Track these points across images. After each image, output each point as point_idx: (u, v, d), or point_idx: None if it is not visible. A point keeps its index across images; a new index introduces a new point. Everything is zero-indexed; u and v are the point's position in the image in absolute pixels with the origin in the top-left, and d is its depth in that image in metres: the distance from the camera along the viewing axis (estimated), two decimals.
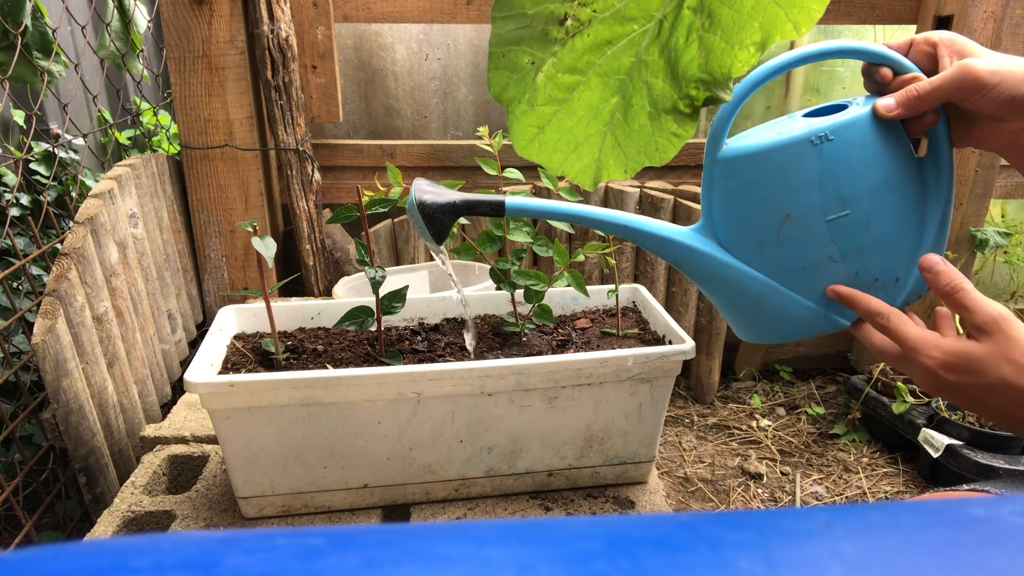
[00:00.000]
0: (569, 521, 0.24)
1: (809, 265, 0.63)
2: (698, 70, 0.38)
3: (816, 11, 0.36)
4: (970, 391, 0.58)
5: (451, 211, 0.68)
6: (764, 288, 0.64)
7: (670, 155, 0.40)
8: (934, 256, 0.60)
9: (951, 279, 0.58)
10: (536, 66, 0.39)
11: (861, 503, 1.14)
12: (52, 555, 0.21)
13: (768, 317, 0.67)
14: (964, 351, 0.57)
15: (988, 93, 0.56)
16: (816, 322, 0.66)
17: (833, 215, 0.60)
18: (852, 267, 0.63)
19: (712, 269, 0.66)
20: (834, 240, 0.61)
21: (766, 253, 0.63)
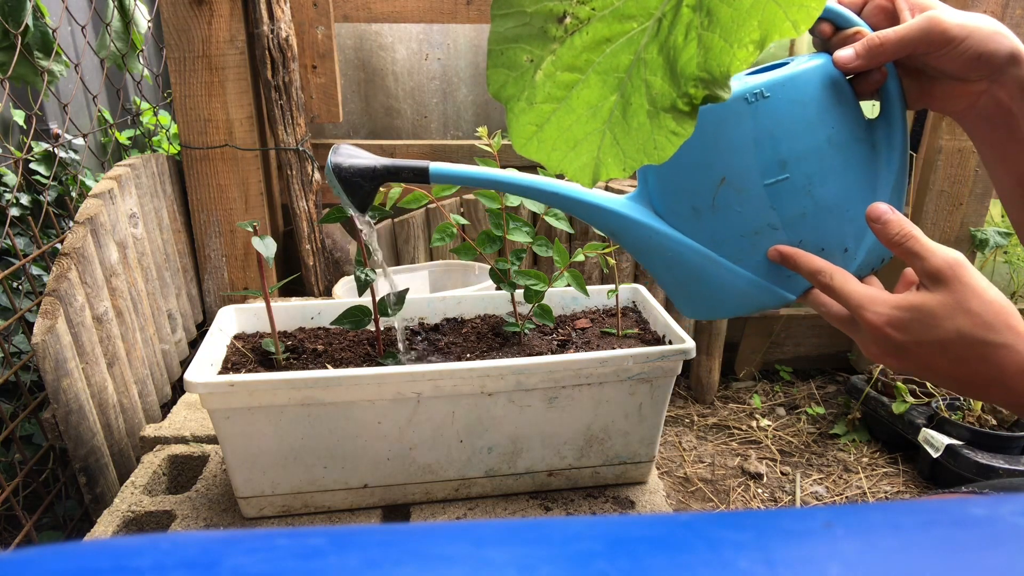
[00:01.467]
0: (569, 521, 0.24)
1: (748, 233, 0.58)
2: (697, 68, 0.38)
3: (815, 9, 0.36)
4: (922, 352, 0.52)
5: (371, 176, 0.64)
6: (702, 259, 0.60)
7: (669, 153, 0.40)
8: (882, 205, 0.55)
9: (901, 227, 0.53)
10: (535, 64, 0.39)
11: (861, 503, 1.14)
12: (52, 555, 0.21)
13: (708, 290, 0.62)
14: (915, 303, 0.52)
15: (954, 48, 0.52)
16: (758, 295, 0.61)
17: (771, 179, 0.56)
18: (795, 235, 0.58)
19: (648, 239, 0.61)
20: (773, 206, 0.57)
21: (702, 221, 0.59)
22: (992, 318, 0.50)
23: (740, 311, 0.63)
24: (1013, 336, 0.50)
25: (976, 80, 0.55)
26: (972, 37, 0.52)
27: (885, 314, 0.53)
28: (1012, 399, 0.51)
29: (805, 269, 0.57)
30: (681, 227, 0.60)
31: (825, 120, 0.56)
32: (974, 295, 0.50)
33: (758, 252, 0.59)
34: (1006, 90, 0.54)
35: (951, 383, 0.53)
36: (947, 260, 0.51)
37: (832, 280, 0.55)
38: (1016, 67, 0.53)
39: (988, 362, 0.50)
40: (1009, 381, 0.50)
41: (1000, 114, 0.55)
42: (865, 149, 0.58)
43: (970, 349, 0.50)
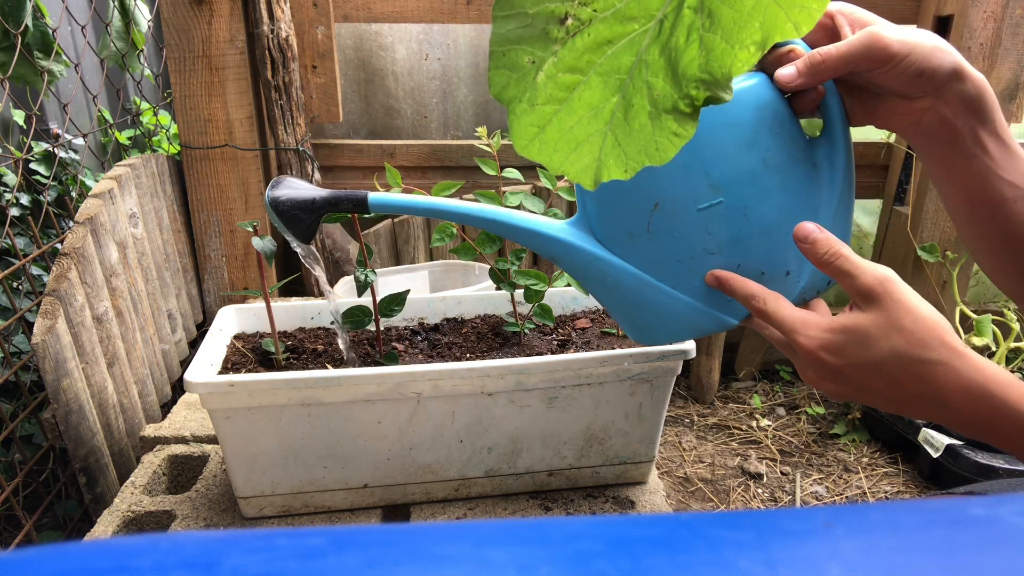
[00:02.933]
0: (569, 521, 0.24)
1: (684, 258, 0.57)
2: (698, 70, 0.38)
3: (816, 11, 0.36)
4: (858, 375, 0.51)
5: (310, 208, 0.63)
6: (641, 284, 0.59)
7: (670, 155, 0.40)
8: (809, 224, 0.53)
9: (830, 245, 0.52)
10: (536, 65, 0.39)
11: (861, 503, 1.14)
12: (52, 555, 0.21)
13: (650, 316, 0.61)
14: (847, 324, 0.51)
15: (896, 65, 0.51)
16: (699, 320, 0.60)
17: (705, 203, 0.55)
18: (733, 260, 0.57)
19: (588, 265, 0.60)
20: (709, 231, 0.56)
21: (639, 246, 0.58)
22: (926, 335, 0.49)
23: (682, 337, 0.63)
24: (948, 352, 0.49)
25: (919, 97, 0.54)
26: (914, 53, 0.51)
27: (818, 338, 0.52)
28: (952, 418, 0.50)
29: (740, 294, 0.56)
30: (619, 252, 0.59)
31: (759, 141, 0.54)
32: (906, 312, 0.49)
33: (696, 277, 0.58)
34: (949, 106, 0.54)
35: (891, 405, 0.52)
36: (877, 277, 0.50)
37: (766, 305, 0.54)
38: (959, 82, 0.53)
39: (925, 381, 0.49)
40: (947, 399, 0.49)
41: (945, 130, 0.55)
42: (805, 169, 0.56)
43: (905, 368, 0.49)
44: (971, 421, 0.49)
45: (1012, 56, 1.51)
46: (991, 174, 0.55)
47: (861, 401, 0.54)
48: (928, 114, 0.55)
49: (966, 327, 1.58)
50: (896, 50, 0.51)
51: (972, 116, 0.54)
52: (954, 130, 0.54)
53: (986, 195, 0.56)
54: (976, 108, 0.54)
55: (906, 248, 1.65)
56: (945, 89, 0.53)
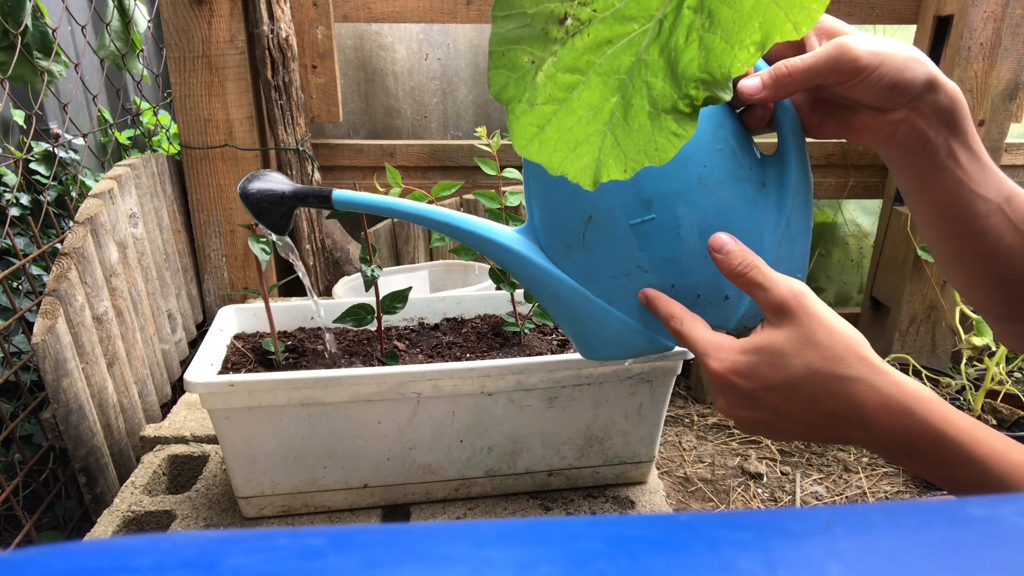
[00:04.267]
0: (569, 521, 0.24)
1: (619, 274, 0.56)
2: (698, 70, 0.38)
3: (816, 11, 0.36)
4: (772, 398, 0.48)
5: (279, 201, 0.65)
6: (578, 298, 0.58)
7: (670, 155, 0.40)
8: (723, 235, 0.51)
9: (743, 257, 0.50)
10: (536, 65, 0.39)
11: (861, 503, 1.14)
12: (52, 555, 0.21)
13: (587, 330, 0.60)
14: (759, 344, 0.48)
15: (867, 77, 0.49)
16: (635, 339, 0.58)
17: (637, 219, 0.53)
18: (666, 279, 0.55)
19: (531, 273, 0.59)
20: (641, 247, 0.54)
21: (575, 259, 0.57)
22: (842, 350, 0.46)
23: (618, 354, 0.61)
24: (865, 367, 0.46)
25: (893, 109, 0.52)
26: (885, 65, 0.49)
27: (729, 360, 0.49)
28: (873, 438, 0.47)
29: (661, 313, 0.54)
30: (559, 263, 0.58)
31: (694, 158, 0.52)
32: (821, 326, 0.47)
33: (630, 294, 0.56)
34: (924, 118, 0.52)
35: (808, 430, 0.49)
36: (791, 290, 0.48)
37: (682, 326, 0.52)
38: (933, 93, 0.51)
39: (843, 399, 0.46)
40: (867, 417, 0.46)
41: (919, 143, 0.53)
42: (749, 190, 0.54)
43: (822, 386, 0.46)
44: (891, 442, 0.46)
45: (1012, 56, 1.51)
46: (963, 187, 0.54)
47: (776, 431, 0.51)
48: (903, 126, 0.53)
49: (966, 327, 1.58)
50: (867, 62, 0.49)
51: (946, 128, 0.52)
52: (928, 142, 0.53)
53: (958, 209, 0.55)
54: (950, 120, 0.52)
55: (906, 248, 1.65)
56: (919, 101, 0.51)
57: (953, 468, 0.45)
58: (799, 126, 0.55)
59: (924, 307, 1.69)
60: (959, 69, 1.51)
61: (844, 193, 1.74)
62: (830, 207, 2.05)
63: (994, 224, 0.54)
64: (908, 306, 1.70)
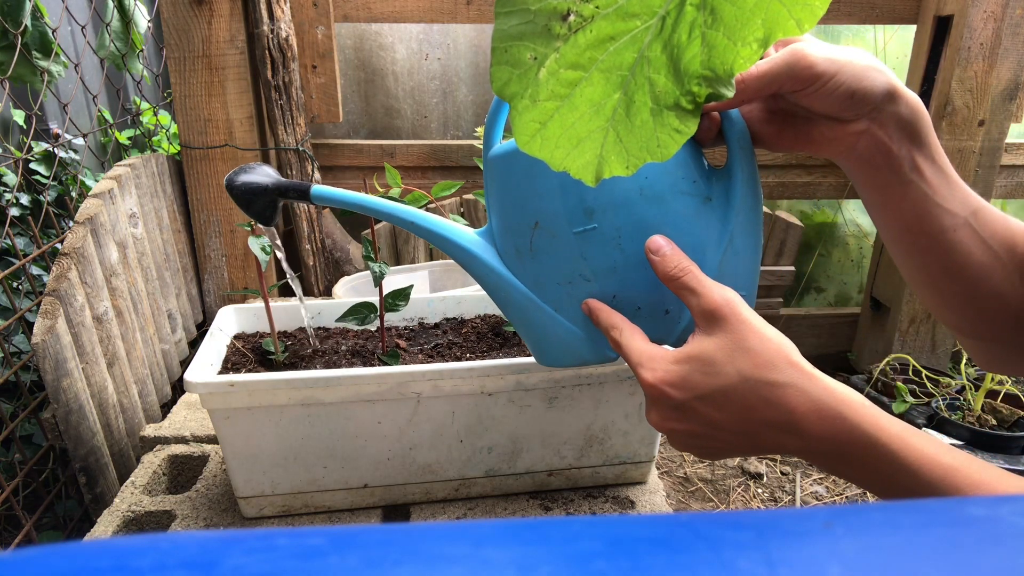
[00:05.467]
0: (569, 521, 0.24)
1: (563, 281, 0.56)
2: (700, 67, 0.38)
3: (819, 8, 0.36)
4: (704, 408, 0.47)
5: (262, 193, 0.67)
6: (527, 302, 0.58)
7: (672, 151, 0.40)
8: (660, 238, 0.51)
9: (679, 261, 0.50)
10: (539, 61, 0.39)
11: (861, 503, 1.14)
12: (52, 555, 0.21)
13: (535, 335, 0.60)
14: (691, 353, 0.48)
15: (824, 85, 0.48)
16: (579, 347, 0.58)
17: (579, 227, 0.53)
18: (607, 289, 0.55)
19: (485, 276, 0.60)
20: (584, 256, 0.54)
21: (524, 263, 0.58)
22: (773, 355, 0.46)
23: (564, 362, 0.61)
24: (796, 373, 0.46)
25: (853, 120, 0.51)
26: (843, 73, 0.48)
27: (661, 370, 0.48)
28: (807, 445, 0.46)
29: (602, 323, 0.53)
30: (511, 268, 0.59)
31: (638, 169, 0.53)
32: (751, 332, 0.46)
33: (574, 303, 0.56)
34: (885, 130, 0.50)
35: (742, 441, 0.48)
36: (723, 297, 0.48)
37: (620, 336, 0.51)
38: (893, 104, 0.50)
39: (775, 405, 0.46)
40: (800, 423, 0.45)
41: (881, 155, 0.52)
42: (692, 203, 0.53)
43: (754, 393, 0.46)
44: (824, 448, 0.46)
45: (1012, 56, 1.51)
46: (929, 201, 0.52)
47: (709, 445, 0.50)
48: (863, 138, 0.51)
49: None
50: (822, 69, 0.47)
51: (908, 140, 0.51)
52: (890, 155, 0.51)
53: (924, 224, 0.53)
54: (912, 131, 0.51)
55: None
56: (879, 111, 0.50)
57: (885, 475, 0.45)
58: (748, 139, 0.54)
59: (924, 307, 1.69)
60: (959, 69, 1.51)
61: (844, 193, 1.74)
62: (830, 207, 2.05)
63: (961, 239, 0.53)
64: (908, 306, 1.70)
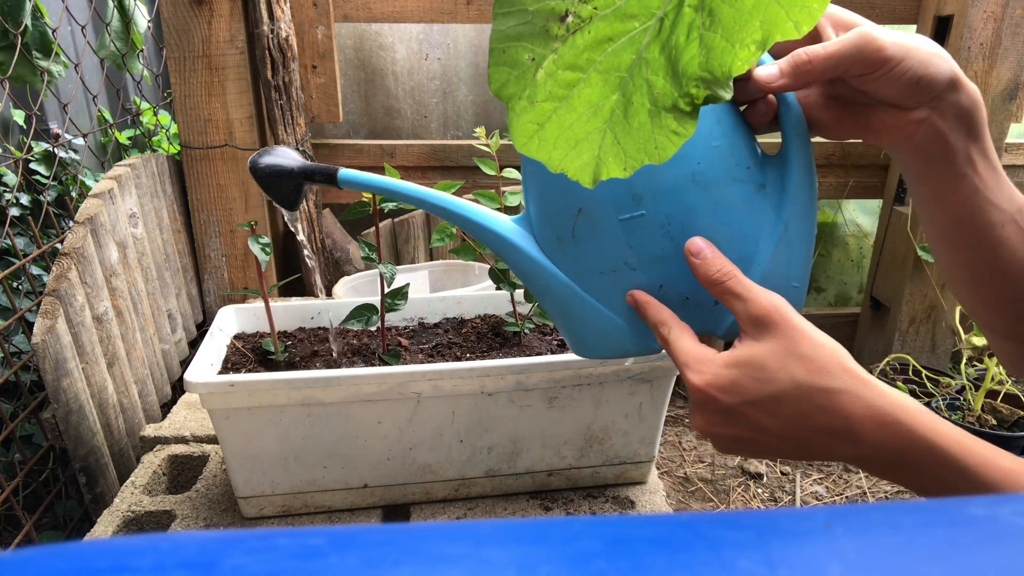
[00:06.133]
0: (569, 521, 0.24)
1: (607, 270, 0.54)
2: (698, 68, 0.38)
3: (817, 10, 0.36)
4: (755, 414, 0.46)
5: (287, 176, 0.65)
6: (568, 292, 0.56)
7: (670, 153, 0.40)
8: (700, 240, 0.49)
9: (722, 264, 0.48)
10: (537, 62, 0.39)
11: (861, 503, 1.14)
12: (52, 555, 0.21)
13: (575, 326, 0.59)
14: (742, 357, 0.46)
15: (891, 70, 0.46)
16: (622, 339, 0.57)
17: (626, 214, 0.51)
18: (654, 279, 0.53)
19: (523, 264, 0.58)
20: (630, 243, 0.52)
21: (566, 252, 0.55)
22: (827, 361, 0.45)
23: (605, 354, 0.59)
24: (851, 379, 0.45)
25: (915, 108, 0.49)
26: (910, 58, 0.46)
27: (710, 373, 0.47)
28: (861, 452, 0.45)
29: (650, 319, 0.52)
30: (551, 256, 0.57)
31: (690, 154, 0.49)
32: (804, 338, 0.45)
33: (618, 293, 0.54)
34: (944, 119, 0.49)
35: (791, 447, 0.47)
36: (772, 302, 0.46)
37: (669, 333, 0.50)
38: (955, 93, 0.49)
39: (830, 412, 0.45)
40: (857, 430, 0.44)
41: (938, 146, 0.50)
42: (746, 190, 0.51)
43: (808, 399, 0.45)
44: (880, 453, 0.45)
45: (1012, 56, 1.51)
46: (980, 196, 0.51)
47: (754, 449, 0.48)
48: (923, 127, 0.50)
49: (966, 327, 1.58)
50: (891, 53, 0.46)
51: (965, 132, 0.50)
52: (947, 146, 0.50)
53: (974, 220, 0.52)
54: (969, 123, 0.50)
55: (906, 248, 1.65)
56: (941, 100, 0.49)
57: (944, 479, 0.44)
58: (804, 125, 0.53)
59: (924, 307, 1.69)
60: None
61: (844, 193, 1.74)
62: (830, 207, 2.05)
63: (1008, 235, 0.52)
64: (908, 306, 1.70)
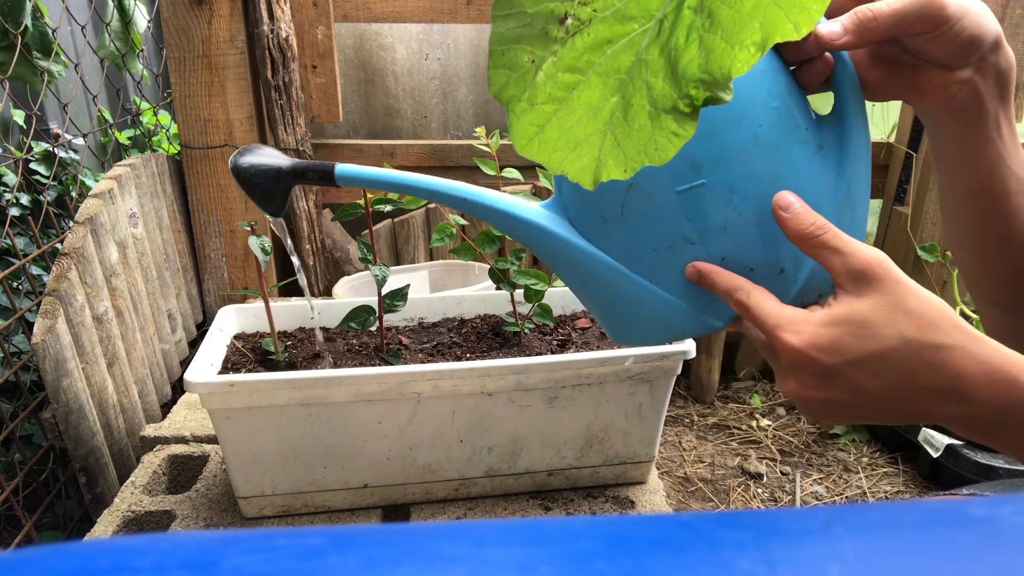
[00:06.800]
0: (569, 521, 0.24)
1: (662, 247, 0.51)
2: (698, 70, 0.38)
3: (816, 12, 0.36)
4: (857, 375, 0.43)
5: (275, 177, 0.59)
6: (614, 275, 0.53)
7: (670, 154, 0.40)
8: (790, 194, 0.46)
9: (815, 218, 0.45)
10: (536, 65, 0.39)
11: (861, 503, 1.14)
12: (52, 555, 0.21)
13: (623, 311, 0.55)
14: (842, 315, 0.43)
15: (950, 28, 0.46)
16: (678, 319, 0.53)
17: (684, 184, 0.48)
18: (716, 251, 0.50)
19: (560, 251, 0.54)
20: (688, 216, 0.49)
21: (612, 232, 0.52)
22: (936, 316, 0.43)
23: (660, 338, 0.57)
24: (962, 335, 0.43)
25: (962, 67, 0.49)
26: (967, 18, 0.46)
27: (809, 332, 0.44)
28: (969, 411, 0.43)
29: (721, 287, 0.49)
30: (592, 239, 0.53)
31: (751, 116, 0.47)
32: (910, 293, 0.43)
33: (675, 270, 0.51)
34: (984, 80, 0.49)
35: (890, 408, 0.45)
36: (875, 256, 0.44)
37: (749, 298, 0.47)
38: (996, 54, 0.49)
39: (941, 369, 0.43)
40: (967, 387, 0.43)
41: (975, 107, 0.50)
42: (806, 152, 0.49)
43: (917, 356, 0.42)
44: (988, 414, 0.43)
45: None
46: (1001, 162, 0.52)
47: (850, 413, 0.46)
48: (965, 88, 0.49)
49: None
50: (953, 11, 0.45)
51: (998, 94, 0.50)
52: (983, 107, 0.50)
53: (993, 186, 0.52)
54: (1003, 85, 0.50)
55: (906, 248, 1.65)
56: (984, 60, 0.48)
57: None
58: (858, 83, 0.51)
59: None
60: None
61: None
62: None
63: (1021, 205, 0.52)
64: None
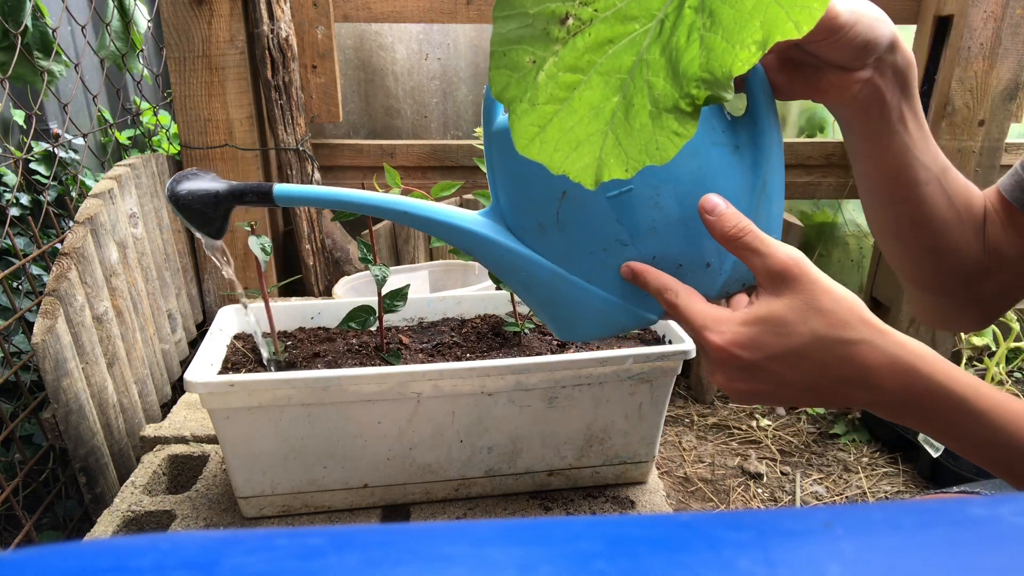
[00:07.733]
0: (569, 521, 0.24)
1: (597, 250, 0.54)
2: (699, 69, 0.38)
3: (817, 10, 0.36)
4: (775, 367, 0.47)
5: (213, 202, 0.59)
6: (554, 278, 0.56)
7: (671, 154, 0.40)
8: (715, 197, 0.49)
9: (738, 220, 0.48)
10: (537, 65, 0.39)
11: (861, 503, 1.14)
12: (52, 555, 0.21)
13: (566, 311, 0.58)
14: (761, 314, 0.47)
15: (845, 35, 0.49)
16: (617, 316, 0.57)
17: (614, 191, 0.51)
18: (647, 251, 0.53)
19: (501, 258, 0.57)
20: (619, 220, 0.52)
21: (549, 237, 0.55)
22: (846, 314, 0.46)
23: (601, 333, 0.59)
24: (869, 331, 0.47)
25: (859, 69, 0.52)
26: (860, 23, 0.49)
27: (730, 332, 0.48)
28: (877, 397, 0.48)
29: (653, 287, 0.52)
30: (531, 244, 0.56)
31: None
32: (823, 292, 0.46)
33: (609, 270, 0.55)
34: (883, 78, 0.53)
35: (809, 396, 0.49)
36: (791, 256, 0.47)
37: (677, 298, 0.51)
38: (893, 54, 0.52)
39: (851, 362, 0.46)
40: (874, 377, 0.47)
41: (876, 104, 0.54)
42: (724, 153, 0.52)
43: (828, 351, 0.46)
44: (896, 400, 0.47)
45: (1012, 56, 1.51)
46: (909, 153, 0.56)
47: (776, 400, 0.50)
48: (866, 87, 0.53)
49: None
50: (845, 19, 0.48)
51: (899, 90, 0.54)
52: (884, 103, 0.54)
53: (903, 175, 0.57)
54: (903, 81, 0.53)
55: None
56: (882, 61, 0.52)
57: (955, 422, 0.47)
58: (768, 86, 0.54)
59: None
60: (959, 69, 1.51)
61: (844, 193, 1.74)
62: (830, 207, 2.05)
63: (931, 193, 0.58)
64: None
